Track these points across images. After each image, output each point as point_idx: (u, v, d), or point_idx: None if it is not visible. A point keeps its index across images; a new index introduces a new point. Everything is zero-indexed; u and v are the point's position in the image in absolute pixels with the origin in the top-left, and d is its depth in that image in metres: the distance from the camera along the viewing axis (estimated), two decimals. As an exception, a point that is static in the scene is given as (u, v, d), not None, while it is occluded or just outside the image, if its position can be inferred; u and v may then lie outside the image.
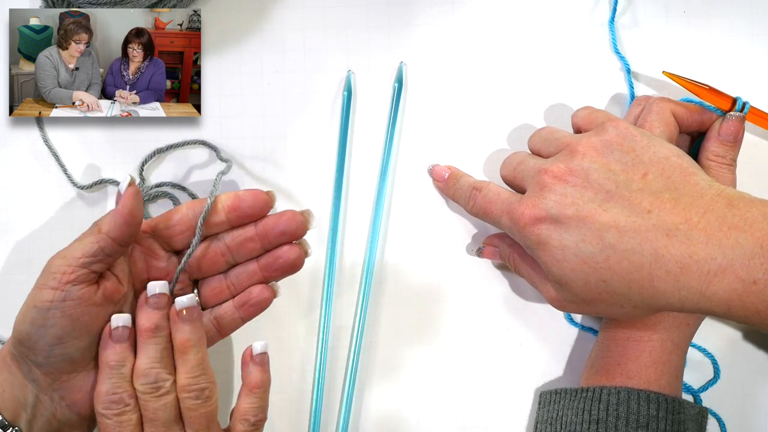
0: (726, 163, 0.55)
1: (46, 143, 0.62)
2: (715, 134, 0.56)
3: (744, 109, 0.56)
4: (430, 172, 0.62)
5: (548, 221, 0.50)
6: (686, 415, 0.53)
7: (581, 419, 0.54)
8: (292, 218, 0.53)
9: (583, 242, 0.49)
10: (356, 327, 0.61)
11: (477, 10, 0.63)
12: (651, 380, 0.54)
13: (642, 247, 0.47)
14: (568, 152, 0.51)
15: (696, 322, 0.56)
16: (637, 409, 0.53)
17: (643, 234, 0.47)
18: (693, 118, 0.56)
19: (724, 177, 0.55)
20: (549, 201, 0.50)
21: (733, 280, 0.45)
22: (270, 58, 0.63)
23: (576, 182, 0.50)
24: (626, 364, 0.55)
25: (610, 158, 0.50)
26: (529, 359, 0.61)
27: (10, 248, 0.62)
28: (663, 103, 0.56)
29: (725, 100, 0.56)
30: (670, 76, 0.58)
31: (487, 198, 0.56)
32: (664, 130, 0.55)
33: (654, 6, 0.63)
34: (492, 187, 0.56)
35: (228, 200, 0.53)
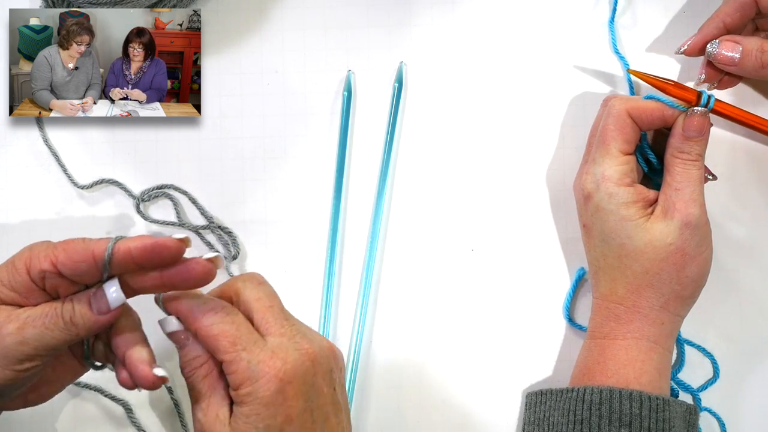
0: (691, 159, 0.55)
1: (46, 143, 0.62)
2: (678, 130, 0.55)
3: (709, 103, 0.55)
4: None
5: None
6: (672, 413, 0.53)
7: (567, 420, 0.54)
8: (197, 269, 0.47)
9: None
10: (356, 327, 0.61)
11: (477, 10, 0.63)
12: (630, 379, 0.54)
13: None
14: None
15: (671, 320, 0.56)
16: (619, 408, 0.53)
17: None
18: (653, 117, 0.56)
19: (690, 173, 0.55)
20: None
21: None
22: (270, 58, 0.63)
23: None
24: (605, 363, 0.55)
25: None
26: (522, 360, 0.61)
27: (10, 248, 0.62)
28: (619, 104, 0.56)
29: (690, 95, 0.56)
30: (635, 74, 0.58)
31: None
32: (618, 133, 0.55)
33: (654, 6, 0.63)
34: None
35: (128, 253, 0.46)
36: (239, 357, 0.45)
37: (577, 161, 0.62)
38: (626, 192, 0.55)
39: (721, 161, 0.61)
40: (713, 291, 0.59)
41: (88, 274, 0.46)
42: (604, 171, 0.55)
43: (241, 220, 0.62)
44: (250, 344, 0.46)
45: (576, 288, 0.62)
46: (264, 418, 0.45)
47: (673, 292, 0.55)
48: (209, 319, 0.46)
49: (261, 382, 0.45)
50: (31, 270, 0.45)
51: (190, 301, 0.47)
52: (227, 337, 0.46)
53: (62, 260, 0.45)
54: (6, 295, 0.46)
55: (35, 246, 0.46)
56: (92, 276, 0.46)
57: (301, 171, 0.63)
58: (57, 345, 0.45)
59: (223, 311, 0.47)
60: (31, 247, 0.47)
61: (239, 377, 0.45)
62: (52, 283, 0.46)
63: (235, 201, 0.62)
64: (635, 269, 0.55)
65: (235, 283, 0.49)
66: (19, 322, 0.45)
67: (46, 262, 0.45)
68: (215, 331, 0.46)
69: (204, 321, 0.46)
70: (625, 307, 0.55)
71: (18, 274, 0.46)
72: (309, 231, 0.62)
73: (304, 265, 0.62)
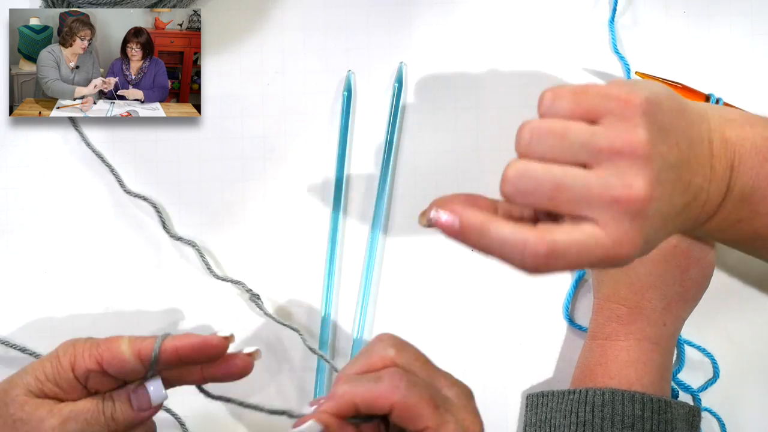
0: None
1: (88, 145, 0.62)
2: None
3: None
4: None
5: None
6: (674, 415, 0.53)
7: (569, 421, 0.54)
8: (239, 365, 0.48)
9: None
10: (356, 327, 0.61)
11: (477, 10, 0.63)
12: (632, 380, 0.54)
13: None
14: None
15: (673, 321, 0.56)
16: (621, 409, 0.53)
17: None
18: None
19: None
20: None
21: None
22: (270, 58, 0.63)
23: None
24: (607, 364, 0.55)
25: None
26: (522, 361, 0.61)
27: (10, 249, 0.62)
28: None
29: (698, 97, 0.56)
30: (643, 76, 0.58)
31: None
32: None
33: (654, 6, 0.63)
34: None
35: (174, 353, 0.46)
36: (445, 420, 0.42)
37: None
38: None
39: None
40: (713, 291, 0.59)
41: (134, 373, 0.46)
42: None
43: (241, 220, 0.62)
44: (446, 404, 0.43)
45: (576, 288, 0.62)
46: None
47: (676, 293, 0.55)
48: (401, 391, 0.42)
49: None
50: (76, 368, 0.46)
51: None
52: (429, 402, 0.42)
53: (107, 360, 0.46)
54: (49, 390, 0.47)
55: (79, 344, 0.47)
56: (137, 374, 0.47)
57: (301, 171, 0.63)
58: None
59: (405, 378, 0.43)
60: (74, 345, 0.47)
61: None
62: (95, 381, 0.47)
63: (235, 201, 0.62)
64: (639, 270, 0.55)
65: (380, 350, 0.45)
66: (61, 418, 0.46)
67: (91, 361, 0.46)
68: (413, 399, 0.42)
69: (396, 394, 0.42)
70: (627, 308, 0.55)
71: (63, 371, 0.46)
72: (309, 231, 0.62)
73: (304, 264, 0.62)
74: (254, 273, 0.62)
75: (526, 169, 0.38)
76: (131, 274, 0.62)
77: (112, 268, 0.62)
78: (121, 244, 0.62)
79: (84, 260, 0.62)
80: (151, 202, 0.62)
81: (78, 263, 0.62)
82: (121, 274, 0.62)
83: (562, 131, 0.38)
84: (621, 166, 0.37)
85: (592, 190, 0.37)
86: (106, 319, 0.62)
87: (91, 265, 0.62)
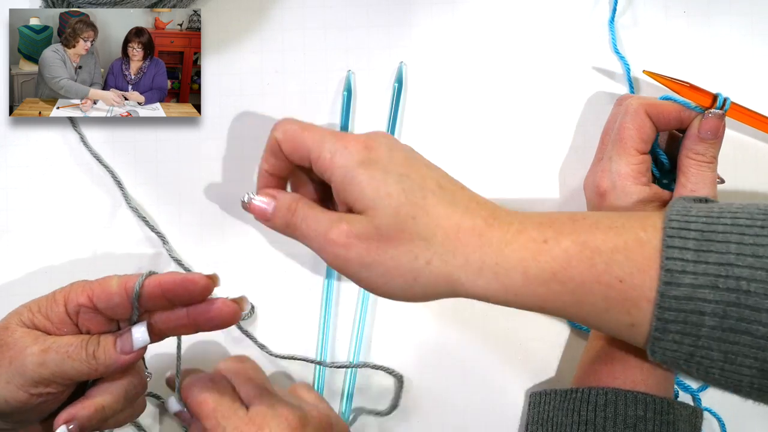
0: (706, 161, 0.55)
1: (85, 145, 0.63)
2: (694, 132, 0.55)
3: (725, 106, 0.56)
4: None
5: (381, 145, 0.49)
6: (677, 416, 0.53)
7: (571, 420, 0.54)
8: (222, 308, 0.49)
9: (407, 176, 0.48)
10: (356, 327, 0.61)
11: (477, 10, 0.63)
12: (637, 381, 0.54)
13: (455, 198, 0.48)
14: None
15: None
16: (624, 410, 0.53)
17: (460, 190, 0.49)
18: (670, 117, 0.56)
19: (705, 175, 0.55)
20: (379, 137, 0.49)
21: (527, 239, 0.47)
22: (270, 58, 0.63)
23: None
24: (612, 364, 0.55)
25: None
26: (524, 360, 0.61)
27: (10, 249, 0.62)
28: (637, 104, 0.56)
29: (706, 97, 0.56)
30: (651, 75, 0.58)
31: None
32: (636, 132, 0.55)
33: (654, 6, 0.63)
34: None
35: (157, 287, 0.48)
36: (217, 423, 0.51)
37: (575, 161, 0.62)
38: (643, 191, 0.55)
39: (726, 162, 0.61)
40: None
41: (121, 308, 0.48)
42: (620, 169, 0.55)
43: (241, 220, 0.62)
44: (230, 412, 0.52)
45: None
46: None
47: None
48: (196, 390, 0.53)
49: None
50: (68, 303, 0.48)
51: (191, 377, 0.54)
52: (208, 405, 0.52)
53: (97, 293, 0.48)
54: (39, 322, 0.48)
55: (75, 283, 0.49)
56: (124, 310, 0.48)
57: (301, 171, 0.63)
58: (74, 375, 0.47)
59: (210, 382, 0.54)
60: (71, 284, 0.49)
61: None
62: (86, 318, 0.48)
63: (235, 201, 0.62)
64: None
65: (223, 363, 0.57)
66: (44, 345, 0.47)
67: (83, 296, 0.48)
68: (199, 399, 0.52)
69: (192, 392, 0.53)
70: None
71: (56, 305, 0.48)
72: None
73: (304, 265, 0.62)
74: (254, 273, 0.62)
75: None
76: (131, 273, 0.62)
77: (112, 269, 0.62)
78: (121, 244, 0.62)
79: (84, 260, 0.62)
80: (151, 226, 0.62)
81: (78, 263, 0.62)
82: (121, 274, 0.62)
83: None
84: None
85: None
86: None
87: (91, 264, 0.62)
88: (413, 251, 0.47)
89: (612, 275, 0.46)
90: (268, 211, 0.51)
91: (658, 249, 0.45)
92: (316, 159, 0.49)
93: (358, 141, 0.48)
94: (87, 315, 0.48)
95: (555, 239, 0.46)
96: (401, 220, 0.47)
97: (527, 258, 0.46)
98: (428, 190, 0.47)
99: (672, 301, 0.44)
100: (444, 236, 0.47)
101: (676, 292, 0.44)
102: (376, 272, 0.47)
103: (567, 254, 0.46)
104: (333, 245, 0.47)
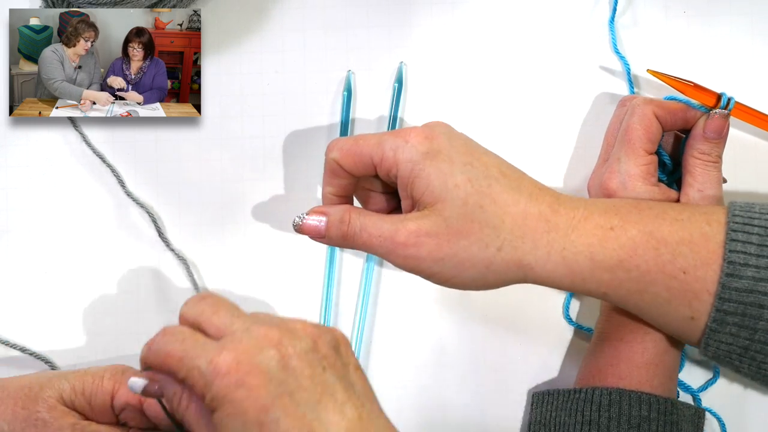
0: (711, 160, 0.55)
1: (89, 145, 0.62)
2: (699, 131, 0.55)
3: (729, 105, 0.56)
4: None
5: (440, 135, 0.50)
6: (680, 416, 0.53)
7: (575, 420, 0.54)
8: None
9: (471, 165, 0.49)
10: (356, 327, 0.61)
11: (477, 10, 0.63)
12: (642, 381, 0.54)
13: (520, 184, 0.49)
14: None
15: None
16: (628, 410, 0.52)
17: (521, 176, 0.50)
18: (676, 117, 0.56)
19: (711, 174, 0.55)
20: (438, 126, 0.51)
21: (594, 226, 0.49)
22: (270, 58, 0.63)
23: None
24: (618, 365, 0.54)
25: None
26: (526, 360, 0.61)
27: (10, 249, 0.62)
28: (644, 104, 0.56)
29: (710, 97, 0.56)
30: (655, 74, 0.58)
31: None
32: (644, 132, 0.55)
33: (654, 6, 0.63)
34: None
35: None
36: (191, 367, 0.42)
37: (575, 161, 0.62)
38: (652, 191, 0.54)
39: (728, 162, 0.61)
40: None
41: (167, 420, 0.45)
42: (629, 169, 0.55)
43: (241, 221, 0.62)
44: (199, 351, 0.42)
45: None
46: (236, 417, 0.40)
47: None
48: (155, 349, 0.43)
49: (216, 382, 0.41)
50: (116, 397, 0.46)
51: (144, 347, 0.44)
52: (174, 355, 0.42)
53: (149, 402, 0.46)
54: (79, 404, 0.46)
55: (128, 373, 0.46)
56: (169, 423, 0.45)
57: (301, 171, 0.63)
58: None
59: (164, 335, 0.44)
60: (124, 372, 0.46)
61: (198, 388, 0.41)
62: (129, 415, 0.46)
63: (235, 201, 0.62)
64: None
65: (181, 311, 0.46)
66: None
67: (134, 396, 0.45)
68: (162, 355, 0.43)
69: (151, 354, 0.43)
70: None
71: (102, 394, 0.46)
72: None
73: (304, 265, 0.62)
74: (254, 273, 0.62)
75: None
76: (131, 274, 0.62)
77: (112, 269, 0.62)
78: (122, 244, 0.62)
79: (84, 260, 0.62)
80: (148, 211, 0.62)
81: (78, 263, 0.62)
82: (122, 274, 0.62)
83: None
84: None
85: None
86: (107, 319, 0.62)
87: (91, 265, 0.62)
88: (483, 240, 0.48)
89: (676, 266, 0.47)
90: (322, 228, 0.51)
91: (721, 244, 0.47)
92: (380, 160, 0.49)
93: (417, 133, 0.49)
94: (132, 413, 0.46)
95: (622, 227, 0.48)
96: (470, 210, 0.48)
97: (594, 244, 0.48)
98: (492, 178, 0.49)
99: (733, 292, 0.46)
100: (512, 223, 0.48)
101: (737, 284, 0.46)
102: (449, 265, 0.48)
103: (634, 243, 0.48)
104: (403, 247, 0.48)
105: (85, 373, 0.47)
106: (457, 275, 0.49)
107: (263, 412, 0.40)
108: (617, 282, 0.48)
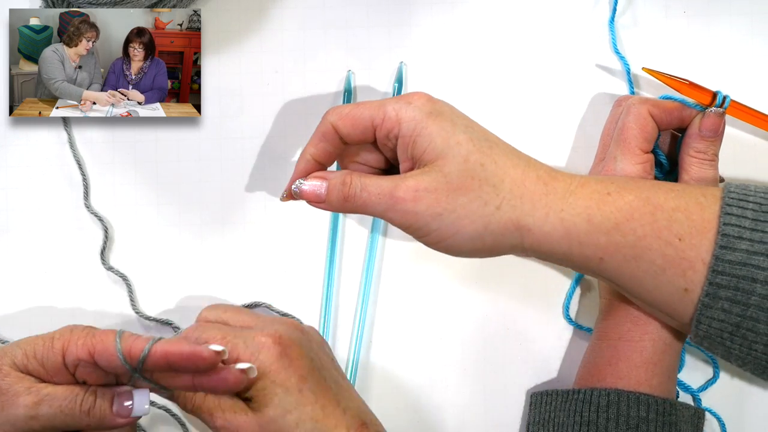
0: (707, 158, 0.55)
1: (72, 147, 0.63)
2: (695, 130, 0.56)
3: (724, 103, 0.56)
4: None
5: (442, 101, 0.52)
6: (679, 417, 0.53)
7: (573, 421, 0.54)
8: (228, 378, 0.46)
9: (472, 129, 0.50)
10: (356, 327, 0.61)
11: (477, 10, 0.63)
12: (641, 381, 0.54)
13: (519, 153, 0.51)
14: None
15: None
16: (626, 411, 0.52)
17: (518, 150, 0.51)
18: (672, 116, 0.56)
19: (707, 173, 0.55)
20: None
21: (591, 191, 0.49)
22: (270, 58, 0.63)
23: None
24: (617, 364, 0.54)
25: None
26: (525, 360, 0.61)
27: (10, 248, 0.62)
28: (640, 103, 0.56)
29: (705, 95, 0.56)
30: (650, 72, 0.58)
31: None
32: (640, 131, 0.55)
33: (654, 6, 0.63)
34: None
35: (164, 357, 0.46)
36: (235, 342, 0.48)
37: (575, 161, 0.62)
38: None
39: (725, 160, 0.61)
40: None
41: (123, 369, 0.45)
42: (626, 168, 0.55)
43: (241, 221, 0.62)
44: (238, 332, 0.49)
45: (575, 288, 0.62)
46: (279, 384, 0.47)
47: None
48: (195, 336, 0.49)
49: (263, 351, 0.48)
50: (67, 354, 0.46)
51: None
52: (216, 335, 0.49)
53: (99, 351, 0.45)
54: (34, 368, 0.46)
55: (76, 330, 0.47)
56: (126, 371, 0.46)
57: (301, 171, 0.63)
58: (65, 429, 0.46)
59: (197, 328, 0.50)
60: (72, 330, 0.47)
61: (244, 357, 0.47)
62: (84, 371, 0.46)
63: (234, 201, 0.62)
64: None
65: (200, 318, 0.54)
66: (37, 397, 0.45)
67: (83, 350, 0.45)
68: (203, 339, 0.48)
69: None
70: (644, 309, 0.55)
71: (53, 354, 0.46)
72: (309, 231, 0.62)
73: (305, 265, 0.62)
74: (254, 273, 0.62)
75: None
76: (131, 274, 0.62)
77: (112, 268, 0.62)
78: (122, 243, 0.62)
79: (84, 260, 0.62)
80: (105, 225, 0.62)
81: (78, 263, 0.62)
82: (121, 274, 0.62)
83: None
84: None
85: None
86: (107, 319, 0.62)
87: (91, 265, 0.62)
88: (482, 197, 0.49)
89: (672, 232, 0.48)
90: (322, 192, 0.52)
91: (716, 214, 0.48)
92: (381, 121, 0.50)
93: (420, 96, 0.51)
94: (85, 369, 0.46)
95: (618, 192, 0.49)
96: (471, 167, 0.49)
97: (592, 206, 0.49)
98: (493, 142, 0.50)
99: (726, 265, 0.46)
100: (512, 183, 0.49)
101: (730, 257, 0.46)
102: (447, 221, 0.49)
103: (630, 207, 0.48)
104: (401, 202, 0.49)
105: (36, 337, 0.47)
106: (455, 234, 0.49)
107: (302, 381, 0.48)
108: (614, 247, 0.48)
